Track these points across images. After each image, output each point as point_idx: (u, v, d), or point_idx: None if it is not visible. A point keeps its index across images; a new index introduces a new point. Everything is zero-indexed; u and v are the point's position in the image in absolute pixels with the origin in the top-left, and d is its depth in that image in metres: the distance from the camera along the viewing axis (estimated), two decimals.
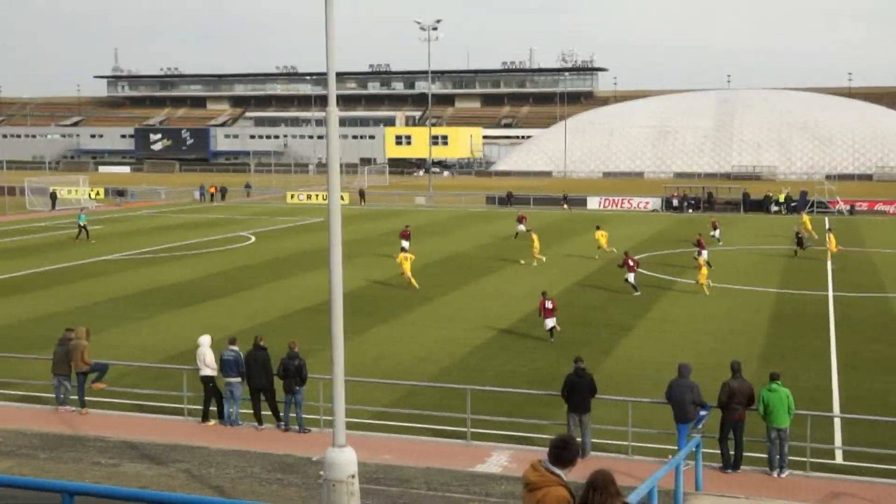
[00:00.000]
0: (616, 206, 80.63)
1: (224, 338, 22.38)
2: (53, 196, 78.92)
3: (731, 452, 17.21)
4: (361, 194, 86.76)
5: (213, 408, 20.20)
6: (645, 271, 41.33)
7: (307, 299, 35.11)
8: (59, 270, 42.69)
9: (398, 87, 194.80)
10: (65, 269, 42.95)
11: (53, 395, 21.23)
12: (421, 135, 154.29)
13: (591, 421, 18.15)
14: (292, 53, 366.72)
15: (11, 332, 29.51)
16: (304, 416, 19.70)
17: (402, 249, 42.79)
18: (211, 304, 34.45)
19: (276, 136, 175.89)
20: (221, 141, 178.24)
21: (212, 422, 20.06)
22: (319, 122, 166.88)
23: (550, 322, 28.11)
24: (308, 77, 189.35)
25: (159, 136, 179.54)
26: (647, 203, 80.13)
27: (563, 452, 7.63)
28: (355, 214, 72.36)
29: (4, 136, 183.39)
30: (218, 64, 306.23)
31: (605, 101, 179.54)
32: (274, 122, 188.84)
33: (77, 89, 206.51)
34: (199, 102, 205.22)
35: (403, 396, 22.09)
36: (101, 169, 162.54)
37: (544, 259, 44.70)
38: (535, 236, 45.45)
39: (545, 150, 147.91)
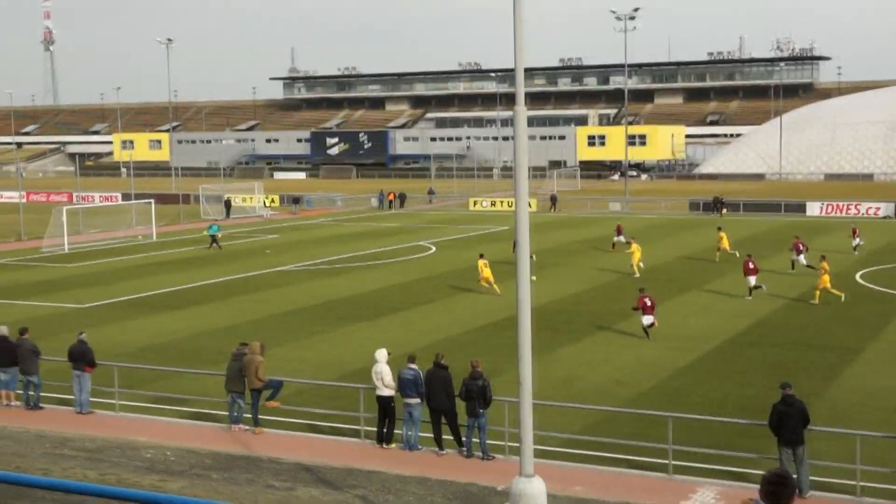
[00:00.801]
0: (840, 212, 77.40)
1: (402, 355, 22.73)
2: (228, 204, 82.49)
3: None
4: (553, 200, 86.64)
5: (397, 430, 20.50)
6: (876, 286, 39.46)
7: (492, 314, 35.26)
8: (233, 282, 44.51)
9: (591, 83, 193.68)
10: (239, 281, 44.75)
11: (226, 413, 22.08)
12: (616, 134, 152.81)
13: (806, 455, 17.43)
14: (476, 49, 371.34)
15: (184, 345, 30.95)
16: (488, 441, 19.74)
17: (481, 256, 42.46)
18: (389, 318, 35.11)
19: (459, 138, 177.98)
20: (400, 144, 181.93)
21: (392, 445, 20.38)
22: (505, 123, 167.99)
23: (648, 319, 30.50)
24: (493, 74, 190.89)
25: (336, 139, 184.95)
26: (878, 209, 76.57)
27: (779, 489, 7.30)
28: (544, 222, 72.28)
29: (179, 142, 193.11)
30: (397, 62, 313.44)
31: (827, 93, 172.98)
32: (456, 122, 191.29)
33: (253, 92, 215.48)
34: (378, 103, 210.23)
35: (597, 423, 21.83)
36: (277, 175, 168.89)
37: (637, 272, 44.01)
38: (635, 246, 45.43)
39: (757, 150, 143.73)
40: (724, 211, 78.77)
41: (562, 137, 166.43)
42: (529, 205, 14.91)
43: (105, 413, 23.06)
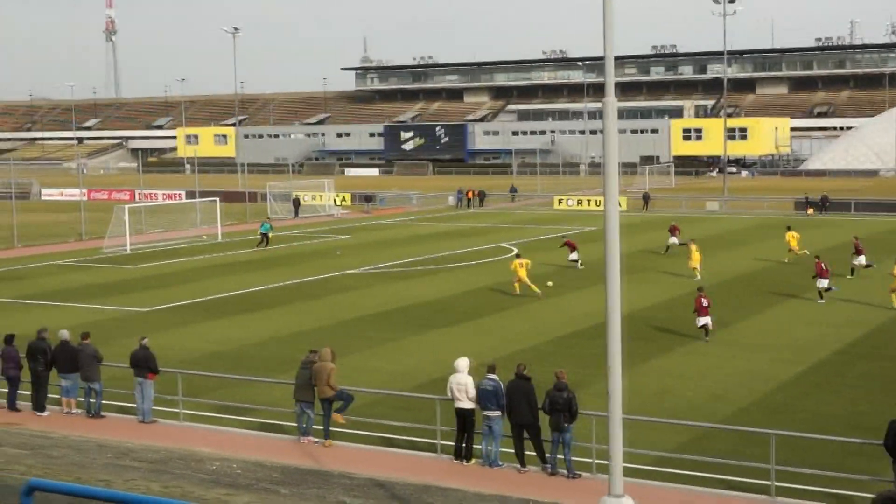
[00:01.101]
0: None
1: (481, 365, 22.79)
2: (296, 202, 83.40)
3: None
4: (646, 198, 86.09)
5: (477, 445, 20.57)
6: None
7: (578, 322, 35.16)
8: (302, 285, 44.99)
9: (686, 72, 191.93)
10: (308, 284, 45.22)
11: (295, 424, 22.33)
12: (714, 127, 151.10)
13: None
14: (561, 36, 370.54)
15: (250, 352, 31.37)
16: (573, 458, 19.70)
17: (517, 256, 43.45)
18: (466, 325, 35.20)
19: (543, 132, 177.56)
20: (480, 138, 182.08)
21: (472, 461, 20.43)
22: (593, 115, 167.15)
23: (704, 320, 31.95)
24: (580, 63, 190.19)
25: (411, 133, 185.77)
26: None
27: None
28: (636, 222, 71.78)
29: (246, 137, 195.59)
30: (477, 51, 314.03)
31: None
32: (539, 115, 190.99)
33: (323, 84, 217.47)
34: (456, 95, 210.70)
35: (692, 440, 21.66)
36: (348, 172, 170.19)
37: (697, 276, 43.90)
38: (693, 247, 45.66)
39: (869, 144, 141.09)
40: (811, 210, 78.01)
41: (654, 131, 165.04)
42: (619, 204, 14.85)
43: (168, 422, 23.49)
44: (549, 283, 41.76)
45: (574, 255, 48.91)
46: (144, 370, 23.48)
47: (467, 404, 20.51)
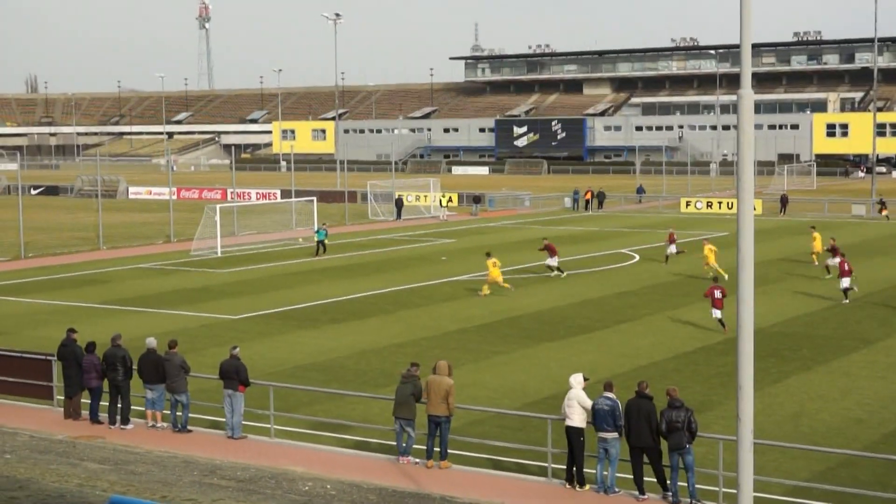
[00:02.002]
0: None
1: (597, 382, 22.69)
2: (399, 203, 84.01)
3: None
4: (783, 201, 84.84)
5: (590, 469, 20.49)
6: None
7: (703, 336, 34.83)
8: (403, 292, 45.29)
9: (831, 61, 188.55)
10: (408, 292, 45.51)
11: (394, 443, 22.47)
12: (862, 123, 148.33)
13: None
14: (692, 22, 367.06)
15: (346, 364, 31.68)
16: (697, 485, 19.51)
17: (488, 255, 45.70)
18: (581, 338, 35.08)
19: (670, 128, 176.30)
20: (600, 134, 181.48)
21: (586, 487, 20.36)
22: (725, 109, 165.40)
23: (718, 313, 35.37)
24: (712, 51, 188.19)
25: (524, 129, 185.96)
26: None
27: None
28: (771, 227, 70.81)
29: (346, 132, 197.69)
30: (597, 38, 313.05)
31: None
32: (666, 108, 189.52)
33: (430, 74, 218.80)
34: (574, 86, 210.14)
35: (830, 468, 21.30)
36: (455, 170, 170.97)
37: (725, 276, 43.77)
38: (708, 247, 47.58)
39: None
40: (885, 212, 79.12)
41: (794, 126, 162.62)
42: (754, 207, 14.67)
43: (259, 438, 23.84)
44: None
45: (552, 261, 49.19)
46: (235, 382, 23.80)
47: (576, 422, 20.43)
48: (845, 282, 41.32)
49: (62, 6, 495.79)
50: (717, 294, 35.47)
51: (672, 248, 53.82)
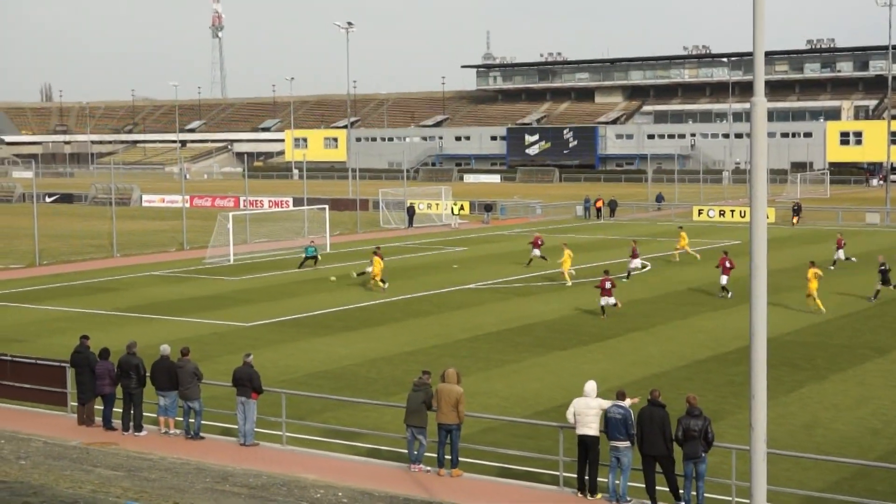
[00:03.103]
0: None
1: (609, 390, 22.67)
2: (411, 211, 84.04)
3: None
4: (796, 210, 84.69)
5: (602, 478, 20.46)
6: None
7: (715, 345, 34.78)
8: (414, 300, 45.30)
9: (845, 69, 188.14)
10: (420, 299, 45.51)
11: (405, 451, 22.47)
12: (876, 131, 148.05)
13: None
14: (704, 30, 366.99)
15: (358, 372, 31.69)
16: (709, 495, 19.47)
17: (376, 251, 49.09)
18: (592, 347, 35.05)
19: (682, 136, 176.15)
20: (612, 142, 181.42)
21: (598, 495, 20.33)
22: (738, 117, 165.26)
23: (606, 300, 39.80)
24: (724, 59, 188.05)
25: (536, 137, 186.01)
26: None
27: None
28: (784, 236, 70.66)
29: (358, 140, 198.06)
30: (609, 47, 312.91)
31: None
32: (679, 117, 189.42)
33: (441, 83, 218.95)
34: (586, 94, 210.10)
35: (844, 479, 21.22)
36: (467, 178, 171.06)
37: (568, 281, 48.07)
38: (567, 253, 49.52)
39: None
40: (796, 220, 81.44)
41: (808, 134, 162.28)
42: (767, 215, 14.66)
43: (271, 446, 23.87)
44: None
45: (536, 252, 55.14)
46: (248, 389, 23.84)
47: (592, 430, 20.41)
48: (724, 279, 44.49)
49: (76, 15, 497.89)
50: (608, 284, 40.33)
51: (636, 263, 52.18)
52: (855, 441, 24.01)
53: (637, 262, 52.26)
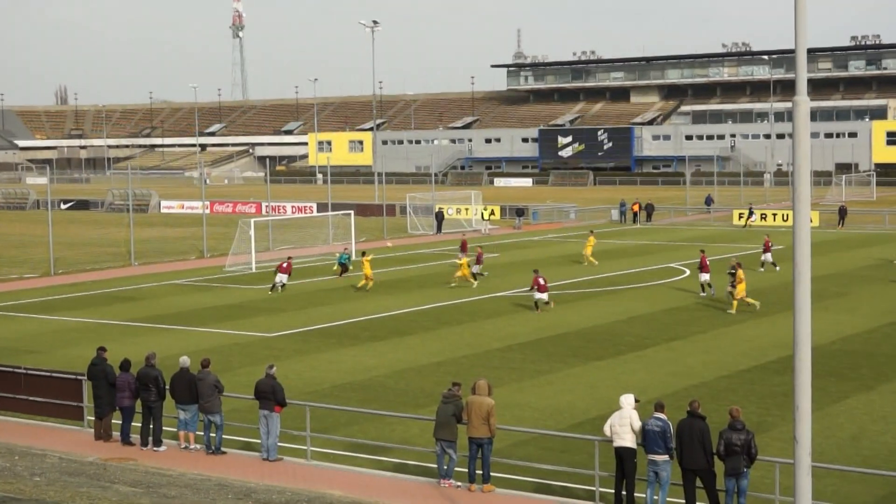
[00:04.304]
0: None
1: (647, 402, 22.60)
2: (439, 216, 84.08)
3: None
4: (842, 213, 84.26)
5: (640, 494, 20.39)
6: None
7: (758, 355, 34.61)
8: (443, 309, 45.29)
9: (891, 66, 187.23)
10: (449, 308, 45.50)
11: (434, 465, 22.46)
12: None
13: None
14: (744, 27, 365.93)
15: (386, 383, 31.70)
16: None
17: (363, 254, 51.52)
18: (630, 357, 34.94)
19: (721, 136, 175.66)
20: (648, 144, 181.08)
21: None
22: (780, 117, 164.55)
23: (540, 295, 43.52)
24: (765, 57, 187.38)
25: (569, 138, 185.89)
26: None
27: None
28: (829, 240, 70.31)
29: (384, 143, 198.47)
30: (645, 44, 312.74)
31: None
32: (718, 117, 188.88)
33: (471, 83, 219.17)
34: (621, 94, 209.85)
35: (893, 493, 21.11)
36: (497, 182, 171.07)
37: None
38: (463, 262, 51.13)
39: None
40: (750, 221, 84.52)
41: (853, 135, 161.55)
42: (811, 219, 14.58)
43: (295, 460, 23.89)
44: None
45: (476, 267, 53.37)
46: (271, 402, 23.87)
47: (629, 442, 20.34)
48: (705, 277, 47.20)
49: (92, 15, 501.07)
50: (542, 281, 43.74)
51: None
52: None
53: (463, 255, 54.44)
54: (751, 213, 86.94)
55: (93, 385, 25.76)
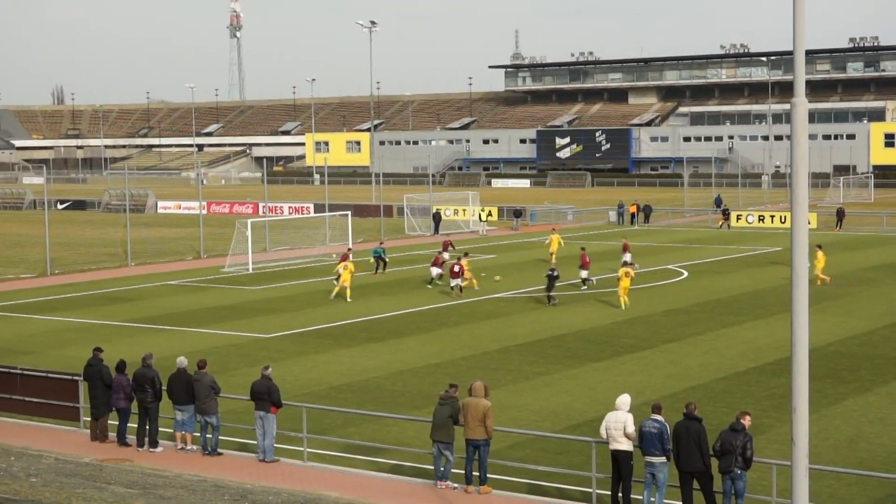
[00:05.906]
0: None
1: (644, 404, 22.61)
2: (437, 217, 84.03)
3: None
4: (839, 215, 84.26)
5: (637, 495, 20.40)
6: None
7: (755, 356, 34.63)
8: (441, 310, 45.29)
9: (889, 68, 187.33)
10: (447, 309, 45.50)
11: (431, 467, 22.46)
12: None
13: None
14: (742, 28, 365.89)
15: (382, 384, 31.70)
16: None
17: (343, 257, 51.10)
18: (627, 358, 34.95)
19: (719, 138, 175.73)
20: (646, 145, 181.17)
21: None
22: (778, 119, 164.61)
23: (456, 281, 47.31)
24: (763, 58, 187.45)
25: (567, 139, 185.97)
26: None
27: None
28: (826, 242, 70.27)
29: (382, 143, 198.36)
30: (643, 46, 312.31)
31: None
32: (716, 118, 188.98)
33: (468, 84, 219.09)
34: (619, 96, 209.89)
35: (890, 495, 21.14)
36: (495, 183, 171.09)
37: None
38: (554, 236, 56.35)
39: None
40: (725, 223, 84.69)
41: (851, 136, 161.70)
42: (809, 221, 14.59)
43: (291, 462, 23.89)
44: (497, 278, 52.31)
45: (437, 271, 52.55)
46: (266, 403, 23.88)
47: (624, 445, 20.35)
48: (583, 273, 50.27)
49: (89, 15, 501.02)
50: (456, 269, 47.84)
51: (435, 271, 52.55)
52: None
53: (444, 253, 56.01)
54: (726, 215, 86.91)
55: (89, 386, 25.75)
